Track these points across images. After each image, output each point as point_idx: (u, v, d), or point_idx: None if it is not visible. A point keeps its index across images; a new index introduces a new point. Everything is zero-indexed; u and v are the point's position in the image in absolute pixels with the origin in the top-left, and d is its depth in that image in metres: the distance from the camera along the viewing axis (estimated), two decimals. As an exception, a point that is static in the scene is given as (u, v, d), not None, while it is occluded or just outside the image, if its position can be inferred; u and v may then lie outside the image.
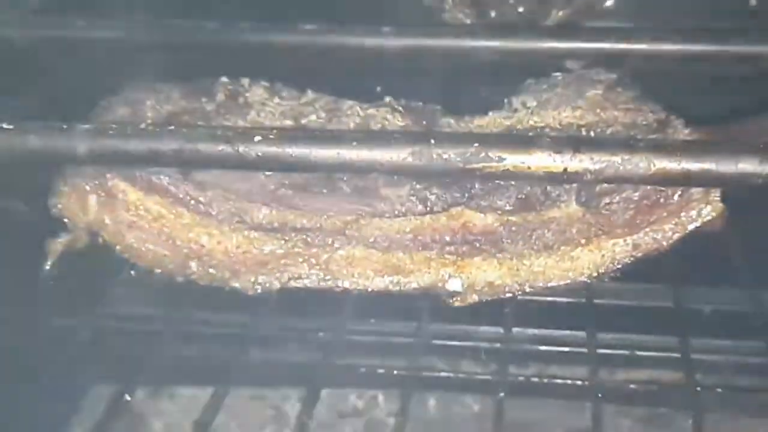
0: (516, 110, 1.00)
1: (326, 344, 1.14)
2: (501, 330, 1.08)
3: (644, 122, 0.94)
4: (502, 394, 1.00)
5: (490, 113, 1.01)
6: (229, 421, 1.57)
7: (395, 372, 1.14)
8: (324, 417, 1.59)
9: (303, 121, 0.98)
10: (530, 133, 0.93)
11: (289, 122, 0.97)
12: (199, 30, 1.05)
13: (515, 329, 1.10)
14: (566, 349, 1.25)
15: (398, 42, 1.03)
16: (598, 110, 0.96)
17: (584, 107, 0.97)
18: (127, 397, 0.97)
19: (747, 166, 0.72)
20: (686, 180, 0.74)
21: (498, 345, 1.10)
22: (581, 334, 1.12)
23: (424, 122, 0.99)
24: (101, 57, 1.07)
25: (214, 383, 1.04)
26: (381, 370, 1.20)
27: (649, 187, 0.92)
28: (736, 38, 0.99)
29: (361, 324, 1.25)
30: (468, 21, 1.20)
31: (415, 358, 1.11)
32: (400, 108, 1.01)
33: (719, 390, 1.16)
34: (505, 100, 1.03)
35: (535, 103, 1.00)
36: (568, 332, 1.24)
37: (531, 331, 1.27)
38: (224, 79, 1.05)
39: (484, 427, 1.45)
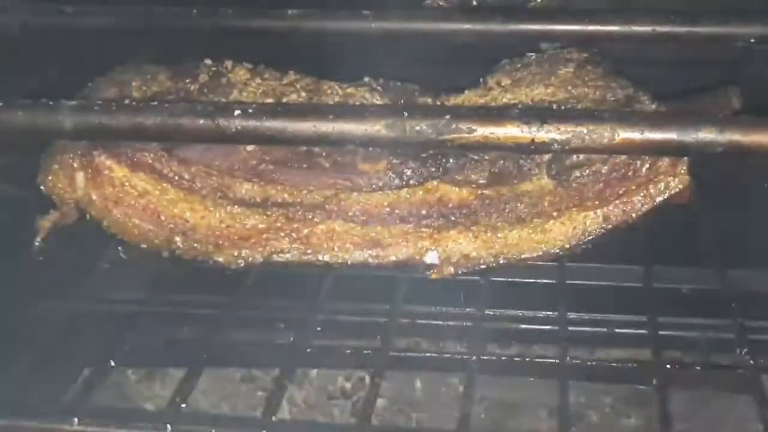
0: (491, 89, 1.03)
1: (310, 325, 1.15)
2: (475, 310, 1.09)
3: (613, 98, 0.97)
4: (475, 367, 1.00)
5: (466, 91, 1.04)
6: (220, 403, 1.60)
7: (366, 352, 1.14)
8: (312, 399, 1.62)
9: (284, 101, 1.00)
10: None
11: (270, 101, 1.00)
12: (184, 15, 1.07)
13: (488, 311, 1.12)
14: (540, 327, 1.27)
15: (379, 25, 1.05)
16: (569, 87, 0.99)
17: (556, 85, 0.99)
18: (111, 363, 0.99)
19: (707, 135, 0.75)
20: (649, 149, 0.77)
21: (470, 324, 1.11)
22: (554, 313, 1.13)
23: (402, 101, 1.01)
24: (89, 43, 1.10)
25: (203, 365, 1.05)
26: (367, 351, 1.22)
27: (617, 161, 0.95)
28: (706, 19, 1.02)
29: (341, 305, 1.26)
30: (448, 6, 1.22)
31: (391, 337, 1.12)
32: (379, 87, 1.04)
33: (691, 368, 1.18)
34: (481, 80, 1.06)
35: (509, 82, 1.02)
36: (541, 313, 1.26)
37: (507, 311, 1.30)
38: (208, 61, 1.07)
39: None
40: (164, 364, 1.53)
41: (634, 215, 0.96)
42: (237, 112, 0.80)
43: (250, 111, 0.80)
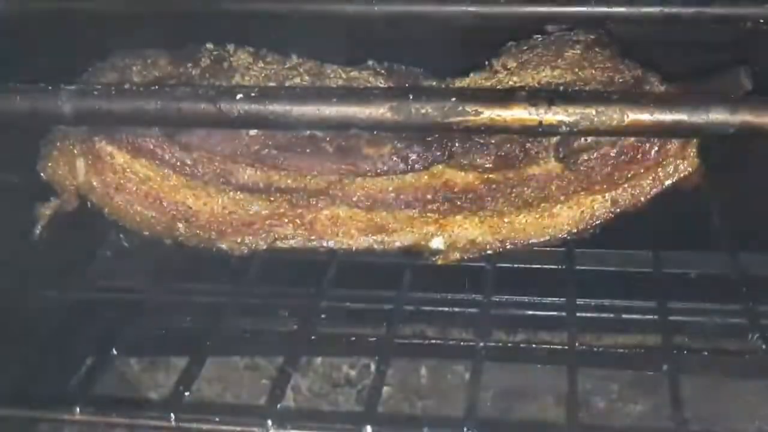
0: (496, 72, 1.01)
1: (314, 312, 1.14)
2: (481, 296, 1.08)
3: (621, 80, 0.95)
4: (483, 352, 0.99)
5: (471, 74, 1.02)
6: (224, 391, 1.60)
7: (371, 339, 1.14)
8: (317, 387, 1.61)
9: (287, 84, 0.99)
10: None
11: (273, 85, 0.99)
12: (185, -1, 1.06)
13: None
14: (548, 314, 1.27)
15: (382, 8, 1.04)
16: (576, 70, 0.97)
17: (563, 67, 0.98)
18: (114, 352, 0.98)
19: (718, 115, 0.74)
20: (659, 130, 0.75)
21: (476, 310, 1.10)
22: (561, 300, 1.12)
23: (407, 85, 1.00)
24: (89, 28, 1.08)
25: (207, 353, 1.05)
26: (372, 339, 1.21)
27: (626, 144, 0.94)
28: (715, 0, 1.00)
29: (347, 292, 1.26)
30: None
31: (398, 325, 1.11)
32: (383, 71, 1.02)
33: (701, 353, 1.18)
34: (486, 63, 1.04)
35: (515, 65, 1.01)
36: (549, 299, 1.25)
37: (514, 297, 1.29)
38: (209, 45, 1.06)
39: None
40: (167, 352, 1.53)
41: (642, 199, 0.94)
42: (239, 95, 0.79)
43: (253, 94, 0.79)
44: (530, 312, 1.28)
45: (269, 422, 0.79)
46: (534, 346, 1.23)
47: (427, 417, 1.51)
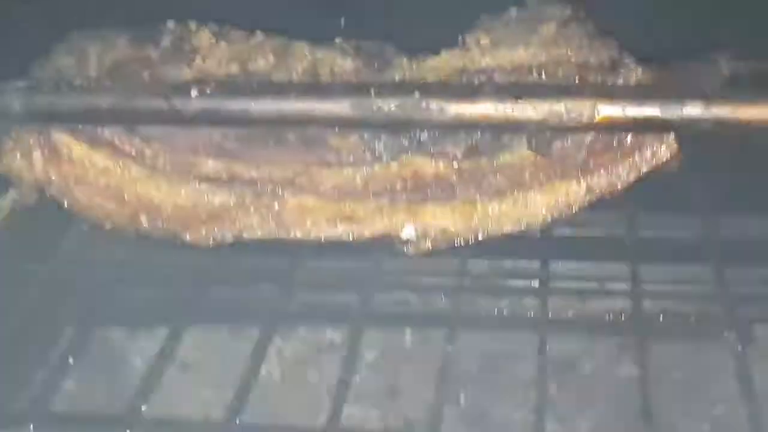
0: (469, 49, 0.97)
1: (294, 280, 1.13)
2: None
3: (597, 61, 0.91)
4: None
5: (443, 52, 0.98)
6: (209, 357, 1.59)
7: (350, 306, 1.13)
8: (301, 352, 1.61)
9: (250, 66, 0.95)
10: (475, 79, 0.90)
11: (235, 68, 0.95)
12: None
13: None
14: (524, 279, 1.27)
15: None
16: (550, 48, 0.93)
17: (537, 45, 0.94)
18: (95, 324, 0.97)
19: (692, 111, 0.71)
20: (632, 127, 0.73)
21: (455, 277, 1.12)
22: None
23: (376, 64, 0.96)
24: (46, 6, 1.05)
25: (188, 323, 1.05)
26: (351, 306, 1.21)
27: (601, 130, 0.90)
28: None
29: (325, 260, 1.24)
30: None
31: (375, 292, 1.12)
32: (351, 49, 0.98)
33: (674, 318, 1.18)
34: (460, 37, 1.00)
35: (488, 42, 0.97)
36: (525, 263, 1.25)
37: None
38: (171, 23, 1.02)
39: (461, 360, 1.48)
40: (148, 323, 1.53)
41: (619, 185, 0.91)
42: (194, 93, 0.76)
43: (208, 91, 0.76)
44: (507, 279, 1.29)
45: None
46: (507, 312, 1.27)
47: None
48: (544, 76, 0.89)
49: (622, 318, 1.34)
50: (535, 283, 1.12)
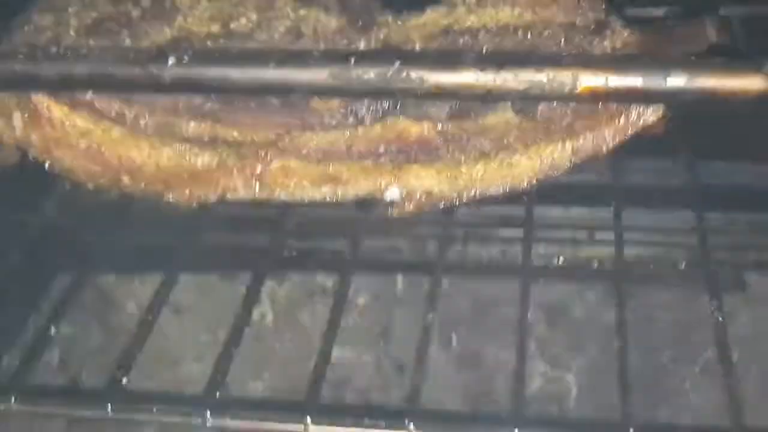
0: (455, 6, 0.96)
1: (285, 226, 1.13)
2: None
3: (583, 23, 0.90)
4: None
5: (428, 10, 0.97)
6: (201, 300, 1.60)
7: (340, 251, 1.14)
8: (294, 295, 1.62)
9: (232, 25, 0.94)
10: (460, 39, 0.89)
11: (216, 27, 0.94)
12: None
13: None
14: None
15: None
16: (536, 8, 0.92)
17: (523, 4, 0.93)
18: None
19: (676, 81, 0.69)
20: (614, 98, 0.71)
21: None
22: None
23: (360, 22, 0.95)
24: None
25: (182, 268, 1.06)
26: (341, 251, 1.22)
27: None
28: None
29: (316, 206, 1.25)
30: None
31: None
32: (335, 6, 0.97)
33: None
34: (447, -8, 0.99)
35: (474, 0, 0.95)
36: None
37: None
38: (151, -21, 1.00)
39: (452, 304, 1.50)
40: (140, 269, 1.54)
41: (604, 148, 0.90)
42: (171, 60, 0.74)
43: (186, 59, 0.74)
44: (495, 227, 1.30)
45: (207, 413, 0.78)
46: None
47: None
48: (530, 37, 0.89)
49: (611, 265, 1.34)
50: (520, 232, 1.11)
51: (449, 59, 0.72)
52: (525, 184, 0.92)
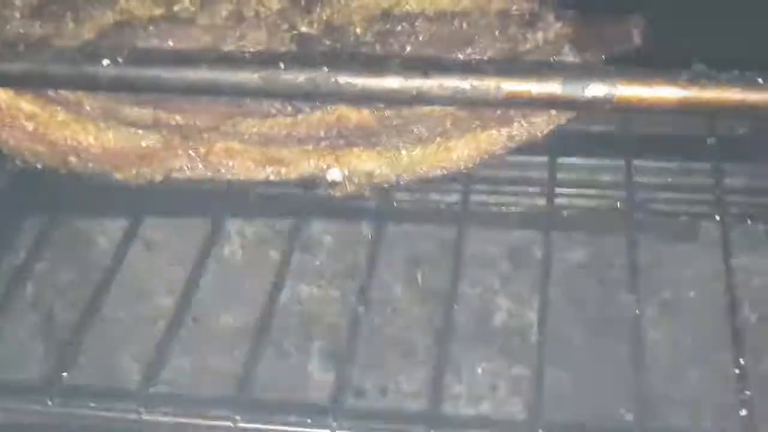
0: (396, -9, 0.96)
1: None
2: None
3: (517, 11, 0.91)
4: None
5: (377, -12, 0.97)
6: (172, 237, 1.63)
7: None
8: (262, 232, 1.65)
9: (175, 8, 0.94)
10: (399, 27, 0.90)
11: (159, 10, 0.94)
12: None
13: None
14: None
15: None
16: (473, -6, 0.93)
17: (461, -10, 0.93)
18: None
19: (595, 91, 0.71)
20: (536, 104, 0.73)
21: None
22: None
23: (302, 2, 0.95)
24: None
25: (152, 209, 1.12)
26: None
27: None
28: None
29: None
30: None
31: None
32: (281, -14, 0.97)
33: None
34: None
35: (415, -18, 0.96)
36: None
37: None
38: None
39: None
40: (111, 210, 1.55)
41: (539, 134, 0.92)
42: (105, 61, 0.75)
43: (120, 60, 0.75)
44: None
45: (142, 410, 0.81)
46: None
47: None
48: (465, 27, 0.89)
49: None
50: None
51: (376, 65, 0.73)
52: (462, 168, 0.94)
